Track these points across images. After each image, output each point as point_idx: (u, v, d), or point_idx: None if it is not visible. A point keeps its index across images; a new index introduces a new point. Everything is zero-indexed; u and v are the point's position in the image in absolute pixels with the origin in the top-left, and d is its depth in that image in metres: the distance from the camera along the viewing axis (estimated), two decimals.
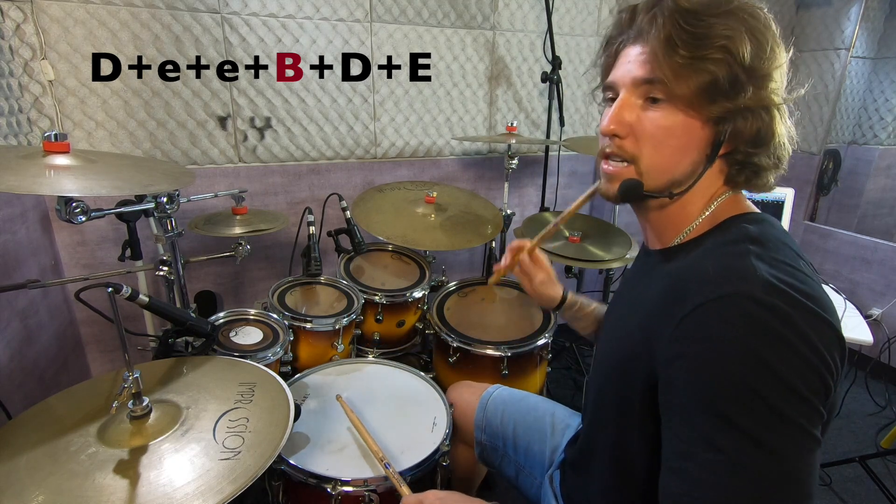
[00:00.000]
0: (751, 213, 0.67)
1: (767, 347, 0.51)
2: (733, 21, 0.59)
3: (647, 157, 0.66)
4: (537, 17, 2.16)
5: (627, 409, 0.69)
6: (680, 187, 0.66)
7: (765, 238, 0.61)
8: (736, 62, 0.59)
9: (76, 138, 1.61)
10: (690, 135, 0.63)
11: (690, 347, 0.55)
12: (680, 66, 0.60)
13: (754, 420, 0.51)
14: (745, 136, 0.62)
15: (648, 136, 0.65)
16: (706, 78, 0.59)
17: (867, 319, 2.36)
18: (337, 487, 0.93)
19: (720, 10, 0.59)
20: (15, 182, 0.83)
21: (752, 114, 0.61)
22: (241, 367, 1.01)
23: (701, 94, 0.60)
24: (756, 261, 0.57)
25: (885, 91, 2.54)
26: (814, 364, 0.52)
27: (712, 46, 0.59)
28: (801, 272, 0.58)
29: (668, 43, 0.60)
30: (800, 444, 0.52)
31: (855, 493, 1.75)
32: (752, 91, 0.60)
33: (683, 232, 0.69)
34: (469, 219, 1.78)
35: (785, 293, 0.53)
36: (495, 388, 1.20)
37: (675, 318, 0.58)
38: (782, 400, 0.51)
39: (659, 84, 0.62)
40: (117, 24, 1.56)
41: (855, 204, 2.68)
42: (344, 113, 1.96)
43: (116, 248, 1.67)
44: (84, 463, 0.75)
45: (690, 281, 0.59)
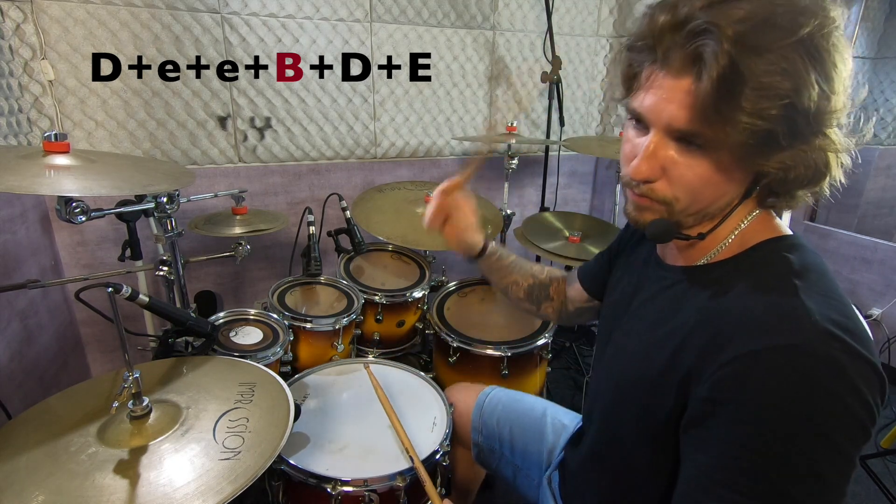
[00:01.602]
0: (784, 238, 0.62)
1: (813, 403, 0.49)
2: (802, 57, 0.48)
3: (682, 202, 0.60)
4: (537, 17, 2.16)
5: (642, 431, 0.68)
6: (711, 222, 0.62)
7: (807, 269, 0.57)
8: (800, 113, 0.50)
9: (76, 138, 1.61)
10: (730, 180, 0.57)
11: (733, 394, 0.53)
12: (732, 123, 0.50)
13: (785, 472, 0.50)
14: (794, 178, 0.56)
15: (683, 182, 0.58)
16: (762, 135, 0.50)
17: (867, 319, 2.36)
18: (337, 487, 0.93)
19: (788, 41, 0.48)
20: (15, 182, 0.83)
21: (807, 162, 0.54)
22: (241, 367, 1.00)
23: (752, 149, 0.52)
24: (806, 299, 0.53)
25: (885, 91, 2.54)
26: (860, 417, 0.50)
27: (775, 98, 0.48)
28: (847, 305, 0.55)
29: (721, 92, 0.49)
30: (827, 499, 0.51)
31: (855, 493, 1.75)
32: (815, 139, 0.53)
33: (712, 252, 0.65)
34: None
35: (839, 340, 0.50)
36: (491, 389, 1.20)
37: (716, 359, 0.54)
38: (821, 457, 0.50)
39: (702, 137, 0.54)
40: (117, 24, 1.56)
41: (855, 204, 2.68)
42: (344, 113, 1.96)
43: (116, 248, 1.67)
44: (84, 463, 0.75)
45: (736, 322, 0.55)
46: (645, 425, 0.67)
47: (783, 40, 0.48)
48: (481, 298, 1.75)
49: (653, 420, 0.65)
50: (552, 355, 1.61)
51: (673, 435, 0.62)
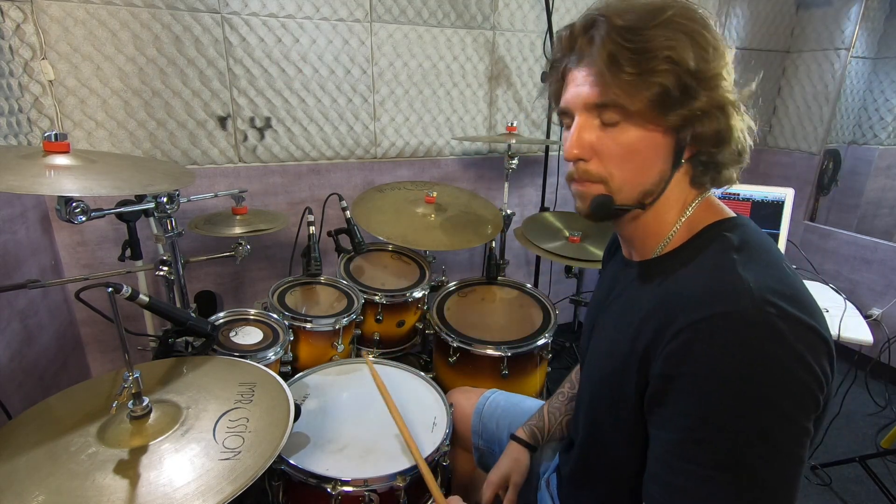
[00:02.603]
0: (727, 220, 0.67)
1: (759, 371, 0.52)
2: (671, 30, 0.59)
3: (616, 176, 0.66)
4: (537, 17, 2.16)
5: (619, 423, 0.70)
6: (651, 196, 0.67)
7: (747, 244, 0.62)
8: (683, 70, 0.58)
9: (76, 138, 1.61)
10: (653, 147, 0.63)
11: (681, 368, 0.56)
12: (628, 84, 0.60)
13: (739, 442, 0.52)
14: (705, 137, 0.62)
15: (612, 155, 0.65)
16: (656, 91, 0.59)
17: (867, 319, 2.35)
18: (337, 487, 0.93)
19: (656, 21, 0.59)
20: (15, 182, 0.83)
21: (709, 116, 0.61)
22: (241, 367, 1.00)
23: (654, 107, 0.60)
24: (743, 271, 0.57)
25: (885, 91, 2.54)
26: (806, 382, 0.52)
27: (656, 59, 0.58)
28: (787, 274, 0.59)
29: (611, 62, 0.60)
30: (783, 466, 0.52)
31: (855, 493, 1.75)
32: (704, 94, 0.60)
33: (662, 242, 0.69)
34: (469, 219, 1.78)
35: (776, 306, 0.53)
36: (491, 392, 1.20)
37: (665, 337, 0.58)
38: (770, 424, 0.52)
39: (612, 105, 0.62)
40: (117, 24, 1.56)
41: (855, 204, 2.68)
42: (344, 113, 1.96)
43: (116, 248, 1.68)
44: (84, 463, 0.75)
45: (682, 298, 0.59)
46: (620, 418, 0.69)
47: (654, 20, 0.59)
48: (481, 298, 1.75)
49: (625, 411, 0.67)
50: (552, 355, 1.61)
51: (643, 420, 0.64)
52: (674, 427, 0.57)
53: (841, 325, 1.57)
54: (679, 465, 0.56)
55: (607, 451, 0.76)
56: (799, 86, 2.73)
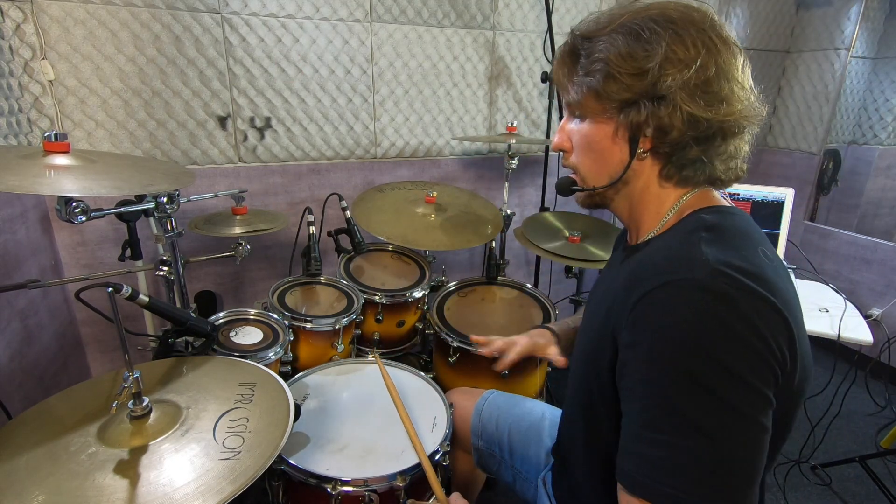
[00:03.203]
0: (714, 207, 0.69)
1: (710, 333, 0.53)
2: (615, 33, 0.66)
3: (581, 165, 0.76)
4: (537, 17, 2.16)
5: (597, 402, 0.71)
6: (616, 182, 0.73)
7: (720, 227, 0.64)
8: (614, 67, 0.65)
9: (76, 138, 1.61)
10: (605, 137, 0.70)
11: (637, 335, 0.58)
12: (575, 85, 0.70)
13: (695, 405, 0.53)
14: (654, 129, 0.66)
15: (577, 146, 0.75)
16: (592, 87, 0.68)
17: (867, 319, 2.35)
18: (337, 487, 0.93)
19: (607, 29, 0.67)
20: (15, 182, 0.83)
21: (638, 105, 0.65)
22: (241, 367, 1.00)
23: (596, 101, 0.68)
24: (705, 246, 0.59)
25: (885, 91, 2.54)
26: (758, 349, 0.53)
27: (594, 60, 0.67)
28: (756, 257, 0.60)
29: (564, 66, 0.72)
30: (741, 429, 0.53)
31: (855, 493, 1.75)
32: (631, 84, 0.65)
33: (654, 229, 0.73)
34: (469, 219, 1.78)
35: (729, 276, 0.55)
36: (490, 393, 1.20)
37: (628, 307, 0.60)
38: (724, 386, 0.53)
39: (572, 104, 0.73)
40: (117, 24, 1.56)
41: (855, 204, 2.68)
42: (344, 113, 1.96)
43: (116, 248, 1.68)
44: (84, 463, 0.75)
45: (643, 270, 0.62)
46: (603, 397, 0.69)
47: (605, 29, 0.67)
48: (481, 298, 1.75)
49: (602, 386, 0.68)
50: None
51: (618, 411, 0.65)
52: (634, 396, 0.59)
53: (841, 325, 1.57)
54: (641, 434, 0.57)
55: (593, 430, 0.77)
56: (799, 86, 2.73)
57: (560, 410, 1.14)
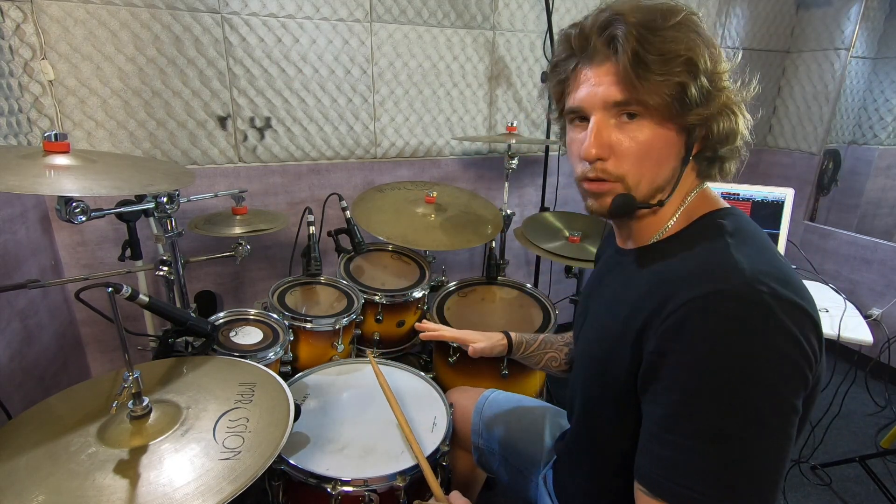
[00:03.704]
0: (723, 210, 0.70)
1: (749, 346, 0.53)
2: (684, 32, 0.61)
3: (633, 174, 0.67)
4: (537, 17, 2.16)
5: (610, 405, 0.71)
6: (663, 193, 0.69)
7: (739, 230, 0.65)
8: (700, 71, 0.61)
9: (76, 138, 1.61)
10: (668, 144, 0.65)
11: (676, 343, 0.57)
12: (652, 84, 0.61)
13: (730, 414, 0.53)
14: (715, 136, 0.65)
15: (630, 153, 0.66)
16: (677, 91, 0.61)
17: (867, 319, 2.35)
18: (337, 487, 0.93)
19: (672, 22, 0.61)
20: (15, 182, 0.83)
21: (722, 115, 0.64)
22: (241, 367, 1.00)
23: (673, 106, 0.62)
24: (735, 252, 0.60)
25: (885, 91, 2.54)
26: (795, 360, 0.54)
27: (677, 59, 0.61)
28: (777, 258, 0.62)
29: (636, 61, 0.61)
30: (771, 438, 0.54)
31: (855, 493, 1.75)
32: (717, 95, 0.63)
33: (660, 231, 0.71)
34: (469, 219, 1.78)
35: (766, 285, 0.55)
36: (490, 392, 1.20)
37: (662, 314, 0.59)
38: (759, 399, 0.53)
39: (633, 103, 0.63)
40: (117, 24, 1.56)
41: (855, 204, 2.68)
42: (344, 113, 1.96)
43: (116, 248, 1.68)
44: (84, 463, 0.75)
45: (677, 279, 0.61)
46: (612, 399, 0.70)
47: (669, 21, 0.61)
48: (481, 298, 1.75)
49: (617, 391, 0.68)
50: None
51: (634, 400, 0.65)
52: (664, 401, 0.58)
53: (841, 325, 1.57)
54: (667, 438, 0.57)
55: (599, 432, 0.77)
56: (799, 86, 2.73)
57: (560, 409, 1.14)
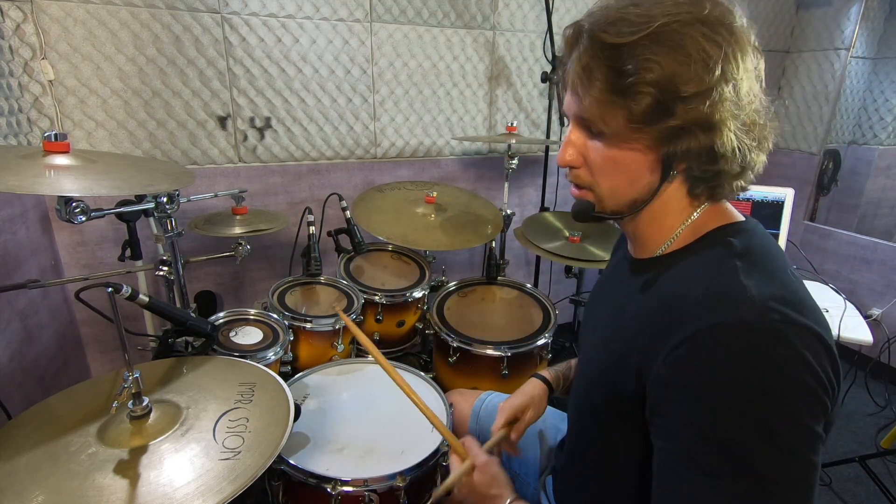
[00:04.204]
0: (734, 224, 0.65)
1: (764, 376, 0.51)
2: (657, 44, 0.55)
3: (602, 186, 0.66)
4: (537, 17, 2.16)
5: (612, 415, 0.69)
6: (640, 204, 0.66)
7: (750, 250, 0.60)
8: (657, 90, 0.56)
9: (76, 138, 1.61)
10: (636, 161, 0.62)
11: (685, 377, 0.55)
12: (601, 102, 0.59)
13: (752, 448, 0.51)
14: (692, 153, 0.59)
15: (598, 167, 0.65)
16: (629, 111, 0.58)
17: (867, 319, 2.35)
18: (337, 487, 0.93)
19: (640, 34, 0.56)
20: (15, 182, 0.83)
21: (687, 133, 0.58)
22: (241, 367, 1.01)
23: (629, 124, 0.59)
24: (745, 279, 0.56)
25: (885, 91, 2.54)
26: (811, 387, 0.51)
27: (632, 77, 0.56)
28: (791, 280, 0.58)
29: (586, 79, 0.60)
30: (797, 472, 0.51)
31: (855, 493, 1.75)
32: (682, 111, 0.56)
33: (665, 243, 0.68)
34: (469, 219, 1.78)
35: (778, 312, 0.52)
36: (487, 394, 1.20)
37: (666, 343, 0.57)
38: (781, 429, 0.51)
39: (589, 120, 0.62)
40: (117, 24, 1.56)
41: (855, 204, 2.68)
42: (344, 113, 1.96)
43: (116, 248, 1.67)
44: (84, 463, 0.75)
45: (681, 305, 0.58)
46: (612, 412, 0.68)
47: (638, 34, 0.56)
48: (481, 298, 1.75)
49: (618, 407, 0.66)
50: (552, 355, 1.61)
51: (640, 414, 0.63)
52: (682, 437, 0.55)
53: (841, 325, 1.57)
54: (690, 476, 0.54)
55: (597, 444, 0.76)
56: (799, 86, 2.73)
57: (559, 412, 1.14)
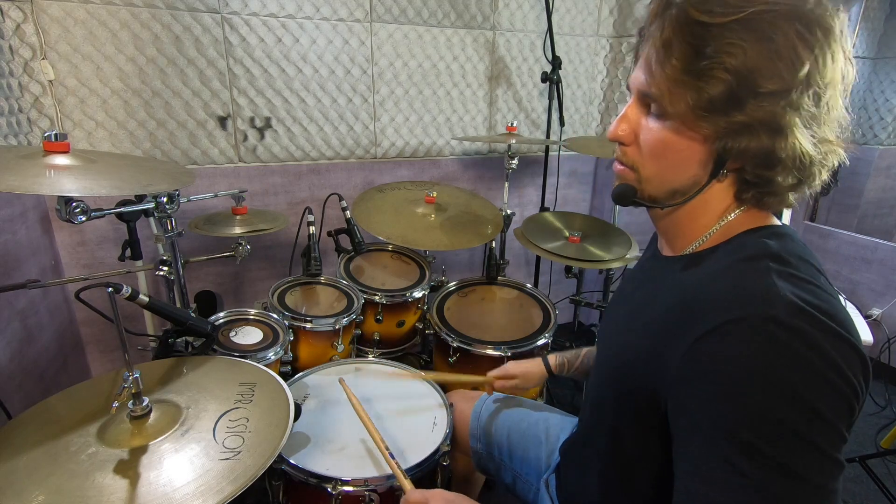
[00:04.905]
0: (771, 227, 0.63)
1: (792, 372, 0.49)
2: (746, 30, 0.53)
3: (647, 168, 0.64)
4: (537, 17, 2.16)
5: (626, 413, 0.69)
6: (681, 198, 0.64)
7: (786, 254, 0.58)
8: (735, 78, 0.54)
9: (76, 138, 1.61)
10: (689, 150, 0.60)
11: (708, 371, 0.53)
12: (671, 81, 0.57)
13: (780, 447, 0.50)
14: (747, 154, 0.57)
15: (648, 147, 0.63)
16: (698, 95, 0.56)
17: (867, 319, 2.36)
18: (337, 487, 0.93)
19: (732, 17, 0.53)
20: (15, 182, 0.83)
21: (749, 132, 0.56)
22: (241, 367, 1.00)
23: (695, 109, 0.57)
24: (778, 279, 0.54)
25: (885, 91, 2.54)
26: (839, 388, 0.50)
27: (710, 61, 0.54)
28: (824, 291, 0.56)
29: (663, 53, 0.57)
30: (825, 469, 0.50)
31: (855, 493, 1.75)
32: (751, 108, 0.54)
33: (696, 241, 0.66)
34: (469, 219, 1.78)
35: (809, 315, 0.51)
36: (488, 395, 1.20)
37: (689, 336, 0.55)
38: (808, 426, 0.49)
39: (654, 97, 0.60)
40: (117, 24, 1.56)
41: (855, 204, 2.68)
42: (344, 113, 1.96)
43: (116, 248, 1.68)
44: (84, 463, 0.75)
45: (707, 299, 0.57)
46: (629, 408, 0.68)
47: (728, 17, 0.53)
48: (481, 298, 1.75)
49: (636, 402, 0.66)
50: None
51: (655, 414, 0.62)
52: (704, 436, 0.54)
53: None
54: (715, 477, 0.52)
55: (607, 439, 0.75)
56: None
57: (558, 412, 1.14)
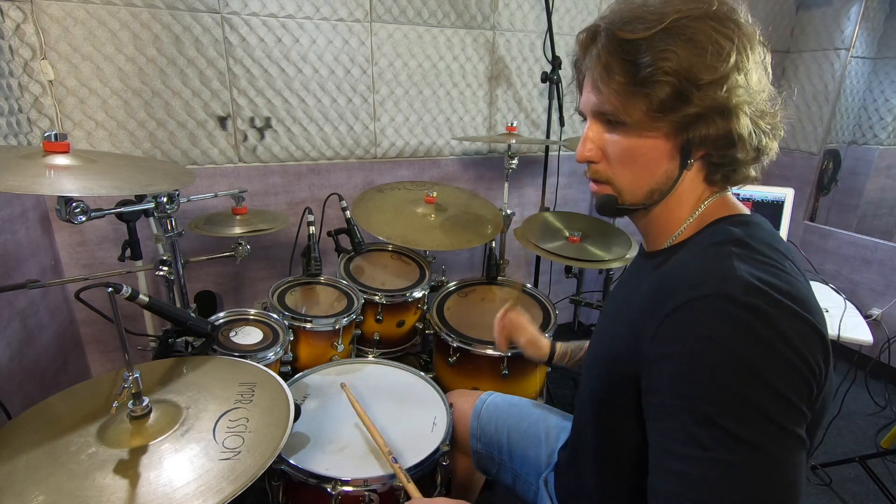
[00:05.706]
0: (738, 215, 0.68)
1: (747, 348, 0.52)
2: (671, 37, 0.59)
3: (620, 178, 0.69)
4: (537, 17, 2.16)
5: (612, 407, 0.70)
6: (659, 195, 0.69)
7: (749, 239, 0.62)
8: (676, 79, 0.60)
9: (76, 138, 1.61)
10: (655, 150, 0.65)
11: (671, 348, 0.56)
12: (621, 95, 0.63)
13: (737, 419, 0.51)
14: (710, 139, 0.63)
15: (616, 159, 0.68)
16: (648, 101, 0.62)
17: (867, 319, 2.35)
18: (337, 487, 0.93)
19: (653, 30, 0.60)
20: (15, 182, 0.83)
21: (705, 120, 0.62)
22: (241, 367, 1.01)
23: (649, 113, 0.63)
24: (737, 262, 0.57)
25: (885, 91, 2.54)
26: (794, 364, 0.52)
27: (649, 69, 0.60)
28: (785, 273, 0.58)
29: (606, 74, 0.64)
30: (784, 442, 0.52)
31: (855, 493, 1.75)
32: (699, 99, 0.60)
33: (673, 235, 0.71)
34: (469, 219, 1.78)
35: (765, 293, 0.53)
36: (488, 395, 1.20)
37: (657, 318, 0.59)
38: (763, 399, 0.51)
39: (610, 112, 0.66)
40: (117, 24, 1.56)
41: (855, 204, 2.68)
42: (344, 113, 1.96)
43: (116, 248, 1.67)
44: (84, 463, 0.75)
45: (674, 282, 0.60)
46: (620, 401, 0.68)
47: (651, 29, 0.60)
48: (481, 298, 1.75)
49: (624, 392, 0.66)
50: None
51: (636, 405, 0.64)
52: (667, 412, 0.56)
53: (841, 325, 1.57)
54: (679, 451, 0.54)
55: (599, 434, 0.76)
56: (799, 86, 2.73)
57: (558, 411, 1.14)
